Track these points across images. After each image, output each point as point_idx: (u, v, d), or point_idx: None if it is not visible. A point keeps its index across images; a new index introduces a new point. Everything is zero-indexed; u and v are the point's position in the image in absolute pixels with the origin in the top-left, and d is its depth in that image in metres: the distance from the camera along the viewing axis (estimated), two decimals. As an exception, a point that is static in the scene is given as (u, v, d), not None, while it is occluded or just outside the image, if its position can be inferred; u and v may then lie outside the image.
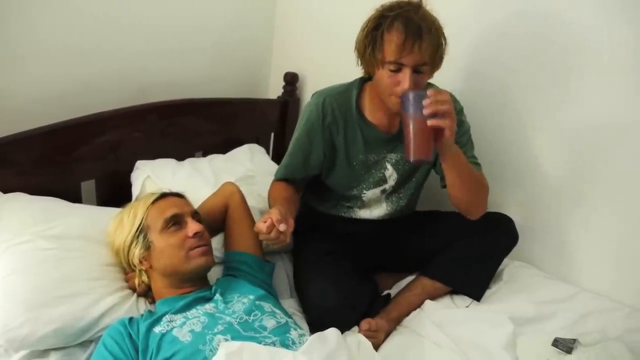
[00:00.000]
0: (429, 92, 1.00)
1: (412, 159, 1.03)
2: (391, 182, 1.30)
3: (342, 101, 1.21)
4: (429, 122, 0.99)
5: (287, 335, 0.99)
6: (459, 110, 1.26)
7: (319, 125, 1.23)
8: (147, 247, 1.08)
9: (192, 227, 1.08)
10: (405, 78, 1.07)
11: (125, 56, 1.52)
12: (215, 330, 0.96)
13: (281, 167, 1.34)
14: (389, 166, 1.28)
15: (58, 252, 1.09)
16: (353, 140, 1.25)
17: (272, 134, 1.88)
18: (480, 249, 1.26)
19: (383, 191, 1.32)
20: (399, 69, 1.07)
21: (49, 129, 1.28)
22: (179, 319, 1.01)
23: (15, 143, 1.23)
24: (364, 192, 1.31)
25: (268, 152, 1.81)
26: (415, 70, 1.07)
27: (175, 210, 1.10)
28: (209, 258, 1.10)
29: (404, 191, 1.34)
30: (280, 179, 1.33)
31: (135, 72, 1.55)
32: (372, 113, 1.22)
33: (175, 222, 1.09)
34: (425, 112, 0.99)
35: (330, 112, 1.22)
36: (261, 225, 1.05)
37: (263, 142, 1.81)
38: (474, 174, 1.18)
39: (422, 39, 1.04)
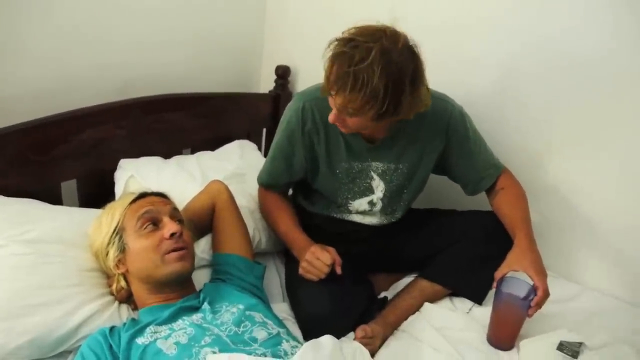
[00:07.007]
0: (540, 293, 1.03)
1: (494, 345, 1.12)
2: (379, 193, 1.24)
3: (323, 106, 1.13)
4: (531, 313, 1.05)
5: (279, 347, 0.93)
6: (460, 118, 1.20)
7: (299, 132, 1.18)
8: (122, 250, 1.02)
9: (169, 227, 1.01)
10: (332, 113, 1.04)
11: (107, 50, 1.44)
12: (202, 343, 0.90)
13: (264, 171, 1.30)
14: (374, 176, 1.22)
15: (34, 257, 1.03)
16: (335, 148, 1.19)
17: (264, 130, 1.82)
18: (481, 251, 1.20)
19: (371, 203, 1.25)
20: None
21: (23, 127, 1.21)
22: (164, 330, 0.95)
23: (-13, 141, 1.17)
24: (350, 202, 1.25)
25: (260, 149, 1.75)
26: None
27: (149, 207, 1.03)
28: (185, 263, 1.02)
29: (397, 205, 1.28)
30: (264, 185, 1.31)
31: (119, 66, 1.48)
32: None
33: (151, 222, 1.02)
34: (531, 312, 1.05)
35: (310, 118, 1.17)
36: (326, 269, 1.12)
37: (255, 138, 1.75)
38: (529, 216, 1.20)
39: (347, 91, 0.94)
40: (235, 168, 1.45)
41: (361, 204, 1.26)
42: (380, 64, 0.92)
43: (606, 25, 1.21)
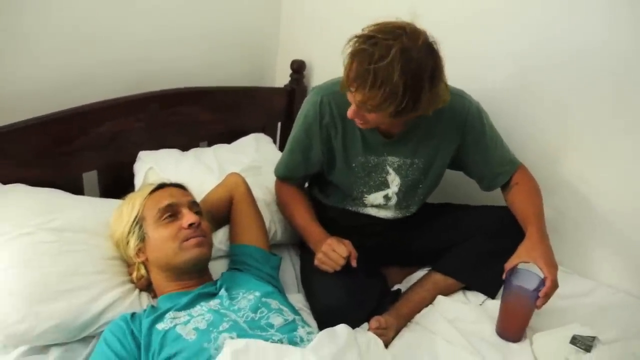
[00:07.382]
0: (548, 283, 1.03)
1: (503, 337, 1.12)
2: (394, 187, 1.25)
3: (341, 100, 1.14)
4: (539, 304, 1.04)
5: (295, 333, 0.96)
6: (478, 114, 1.20)
7: (317, 125, 1.19)
8: (142, 239, 1.05)
9: (188, 217, 1.04)
10: (350, 108, 1.05)
11: (125, 44, 1.47)
12: (221, 328, 0.93)
13: (281, 164, 1.31)
14: (390, 170, 1.23)
15: (59, 245, 1.06)
16: (352, 141, 1.20)
17: (279, 124, 1.83)
18: (495, 246, 1.20)
19: (386, 197, 1.26)
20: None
21: (46, 119, 1.24)
22: (182, 316, 0.97)
23: (11, 134, 1.19)
24: (365, 195, 1.26)
25: (275, 142, 1.77)
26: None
27: (170, 200, 1.06)
28: (203, 249, 1.05)
29: (412, 200, 1.29)
30: (281, 177, 1.32)
31: (136, 61, 1.51)
32: None
33: (171, 212, 1.05)
34: (539, 303, 1.04)
35: (328, 112, 1.18)
36: (342, 261, 1.14)
37: (270, 132, 1.77)
38: (542, 211, 1.19)
39: (367, 89, 0.95)
40: (251, 161, 1.47)
41: (376, 197, 1.27)
42: (400, 62, 0.93)
43: (623, 19, 1.20)
